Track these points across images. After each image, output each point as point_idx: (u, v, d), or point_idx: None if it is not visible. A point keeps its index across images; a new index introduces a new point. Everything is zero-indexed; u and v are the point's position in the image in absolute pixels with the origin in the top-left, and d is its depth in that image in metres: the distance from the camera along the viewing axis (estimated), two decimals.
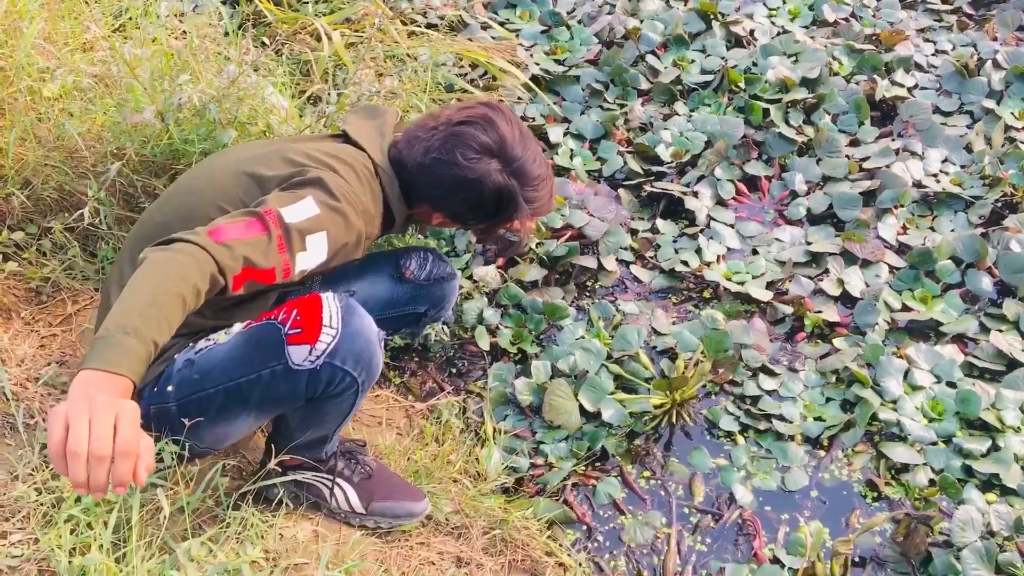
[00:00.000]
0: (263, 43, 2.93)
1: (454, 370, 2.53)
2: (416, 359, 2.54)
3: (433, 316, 2.29)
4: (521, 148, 1.87)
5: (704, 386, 2.43)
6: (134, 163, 2.25)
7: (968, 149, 3.03)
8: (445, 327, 2.56)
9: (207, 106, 2.14)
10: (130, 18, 2.71)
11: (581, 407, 2.35)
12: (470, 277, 2.67)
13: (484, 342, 2.54)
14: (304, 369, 1.62)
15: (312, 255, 1.63)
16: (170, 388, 1.65)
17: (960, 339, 2.54)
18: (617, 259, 2.77)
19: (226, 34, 2.81)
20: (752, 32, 3.48)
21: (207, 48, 2.51)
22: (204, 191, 1.74)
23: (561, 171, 3.00)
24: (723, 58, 3.37)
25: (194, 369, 1.65)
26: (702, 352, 2.46)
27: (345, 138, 1.88)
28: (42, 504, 1.61)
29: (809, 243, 2.79)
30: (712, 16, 3.50)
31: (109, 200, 2.24)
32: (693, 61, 3.37)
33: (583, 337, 2.53)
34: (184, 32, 2.65)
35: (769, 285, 2.67)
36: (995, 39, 3.40)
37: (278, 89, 2.60)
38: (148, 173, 2.28)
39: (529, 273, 2.67)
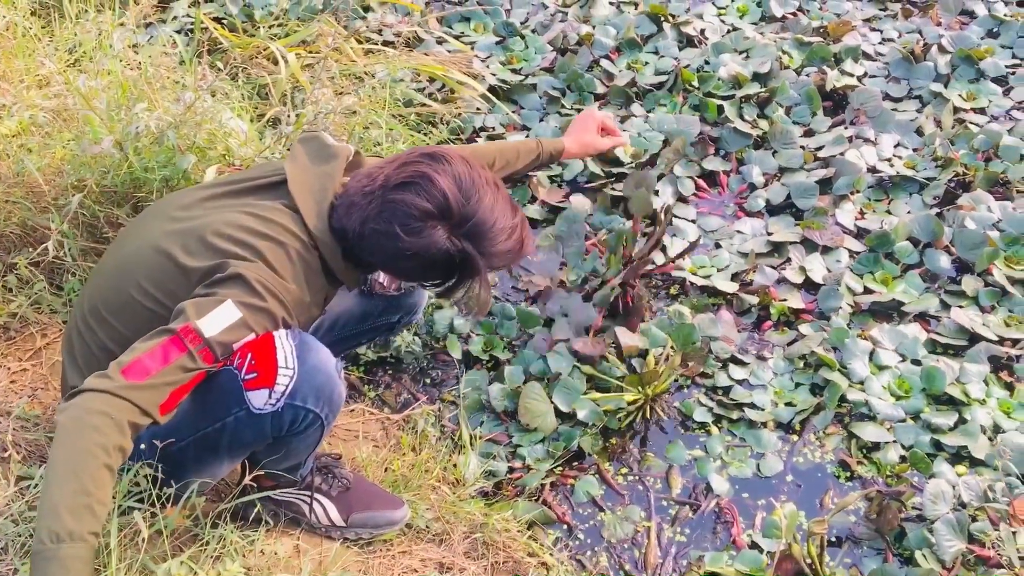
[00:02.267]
0: (219, 69, 2.95)
1: (428, 380, 2.55)
2: (389, 371, 2.56)
3: (405, 322, 2.32)
4: (472, 203, 1.69)
5: (676, 380, 2.47)
6: (95, 194, 2.27)
7: (919, 132, 3.09)
8: (416, 338, 2.58)
9: (165, 133, 2.15)
10: (84, 52, 2.72)
11: (556, 408, 2.38)
12: None
13: (456, 351, 2.57)
14: (266, 412, 1.63)
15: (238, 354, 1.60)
16: (143, 447, 1.64)
17: (922, 317, 2.59)
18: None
19: (181, 62, 2.83)
20: (703, 31, 3.54)
21: (163, 77, 2.53)
22: (131, 270, 1.69)
23: (523, 178, 3.04)
24: (676, 58, 3.42)
25: (161, 427, 1.62)
26: (671, 347, 2.49)
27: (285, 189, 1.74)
28: (20, 535, 1.61)
29: (770, 233, 2.83)
30: (663, 18, 3.55)
31: (73, 232, 2.25)
32: (647, 63, 3.42)
33: (555, 341, 2.56)
34: (140, 64, 2.67)
35: (734, 277, 2.71)
36: (939, 24, 3.48)
37: (236, 113, 2.62)
38: (110, 203, 2.29)
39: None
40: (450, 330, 2.61)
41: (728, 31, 3.54)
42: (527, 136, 3.17)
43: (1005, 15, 3.44)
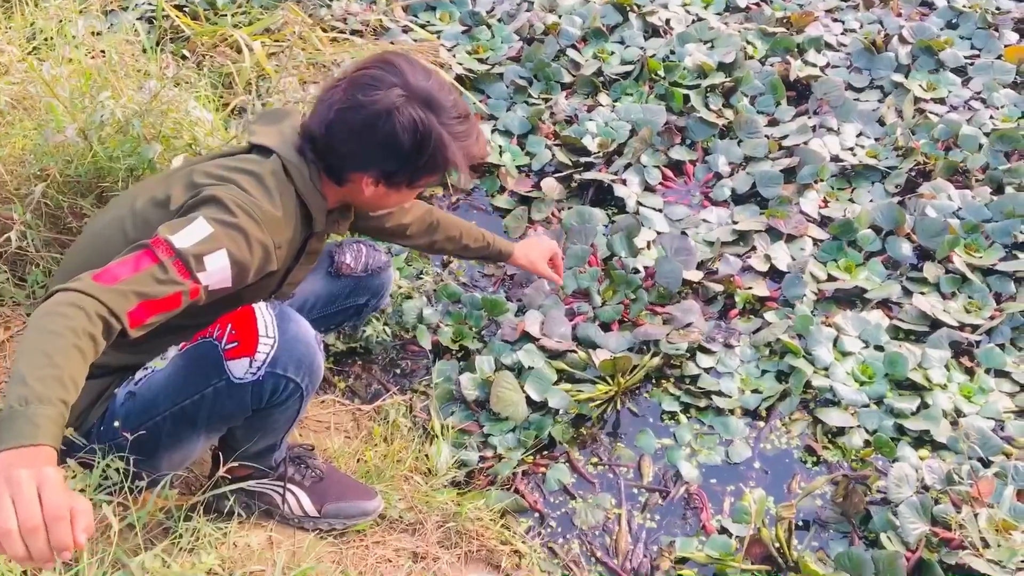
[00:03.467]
0: (183, 57, 2.91)
1: (398, 370, 2.54)
2: (359, 362, 2.55)
3: (373, 305, 2.32)
4: (424, 78, 1.74)
5: (647, 375, 2.48)
6: (59, 184, 2.23)
7: (881, 122, 3.14)
8: (386, 328, 2.58)
9: (130, 121, 2.12)
10: (45, 39, 2.67)
11: (528, 398, 2.39)
12: (407, 276, 2.69)
13: (426, 341, 2.56)
14: (247, 382, 1.62)
15: (214, 275, 1.58)
16: (117, 423, 1.63)
17: (885, 304, 2.63)
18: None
19: (144, 50, 2.79)
20: (668, 21, 3.56)
21: (126, 64, 2.49)
22: (114, 230, 1.70)
23: (491, 168, 3.04)
24: (642, 48, 3.44)
25: (137, 400, 1.64)
26: (646, 345, 2.51)
27: (254, 149, 1.79)
28: None
29: (735, 222, 2.86)
30: (628, 8, 3.57)
31: (36, 223, 2.21)
32: (613, 53, 3.43)
33: (523, 333, 2.56)
34: (102, 51, 2.62)
35: (700, 265, 2.74)
36: (899, 15, 3.53)
37: (201, 102, 2.59)
38: (74, 193, 2.25)
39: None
40: (419, 320, 2.61)
41: (693, 21, 3.57)
42: (493, 127, 3.17)
43: (964, 6, 3.50)
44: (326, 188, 1.80)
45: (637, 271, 2.70)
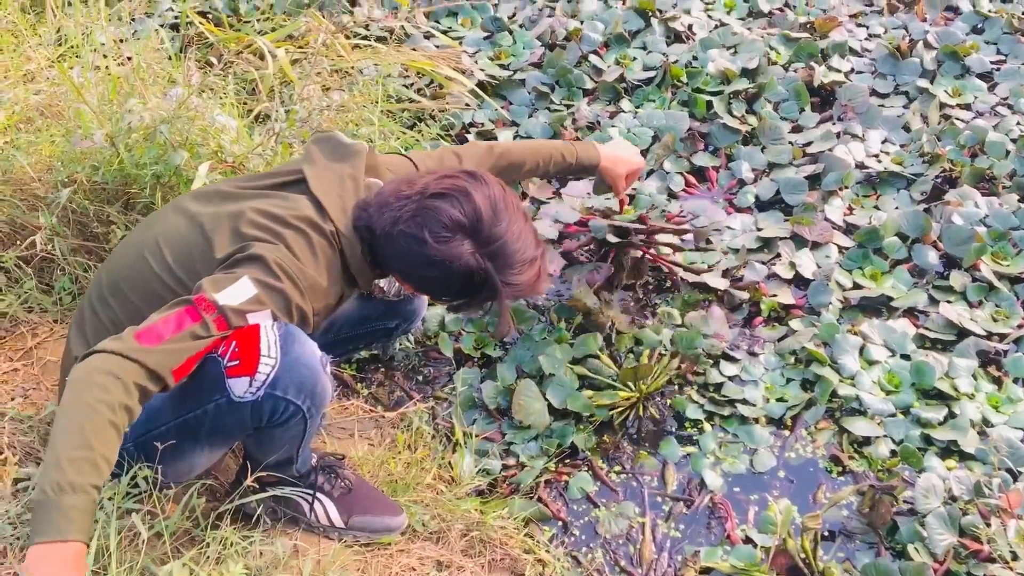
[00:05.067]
0: (208, 64, 2.93)
1: (420, 378, 2.54)
2: (382, 369, 2.55)
3: (404, 329, 2.31)
4: (502, 225, 1.71)
5: (669, 380, 2.47)
6: (85, 190, 2.24)
7: (906, 128, 3.11)
8: (410, 336, 2.58)
9: (158, 128, 2.13)
10: (71, 46, 2.69)
11: (549, 405, 2.38)
12: None
13: (448, 348, 2.56)
14: (246, 401, 1.63)
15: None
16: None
17: (911, 312, 2.61)
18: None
19: (169, 57, 2.80)
20: (690, 27, 3.55)
21: (153, 71, 2.50)
22: (156, 249, 1.72)
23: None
24: (664, 54, 3.43)
25: (143, 410, 1.65)
26: (664, 347, 2.50)
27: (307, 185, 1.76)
28: (18, 538, 1.60)
29: (760, 229, 2.85)
30: (651, 13, 3.56)
31: (62, 229, 2.22)
32: (635, 59, 3.42)
33: (545, 339, 2.56)
34: (128, 58, 2.64)
35: (725, 273, 2.73)
36: (924, 20, 3.51)
37: (225, 110, 2.60)
38: (100, 200, 2.27)
39: None
40: (441, 328, 2.61)
41: (715, 27, 3.55)
42: (515, 134, 3.17)
43: (989, 11, 3.47)
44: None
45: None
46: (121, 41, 2.88)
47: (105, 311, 1.74)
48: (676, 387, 2.48)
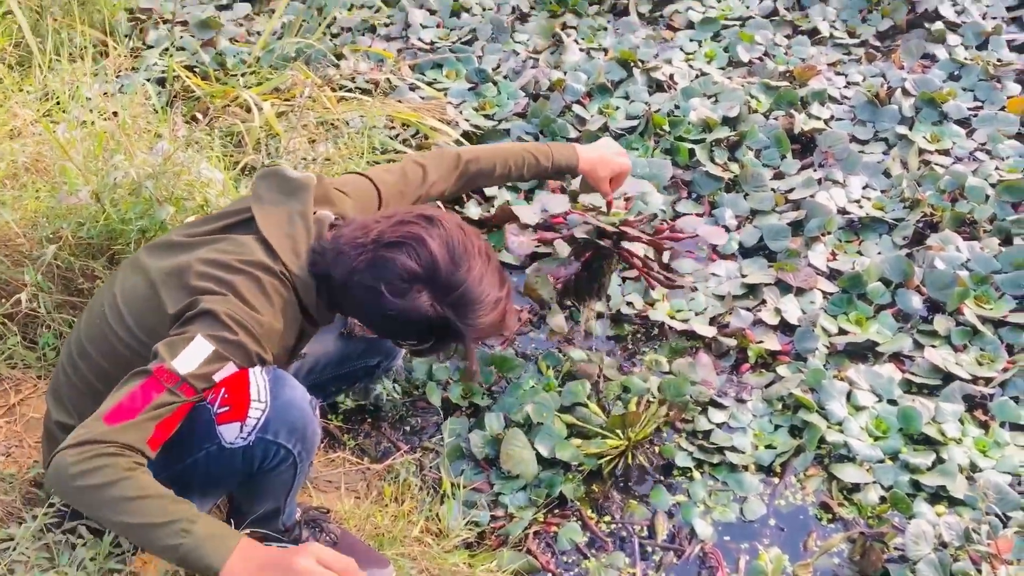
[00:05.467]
0: (194, 118, 2.95)
1: (408, 428, 2.53)
2: (369, 420, 2.54)
3: (385, 367, 2.31)
4: (461, 271, 1.67)
5: (657, 428, 2.46)
6: (71, 246, 2.24)
7: (887, 174, 3.15)
8: (396, 385, 2.57)
9: (143, 184, 2.14)
10: (56, 102, 2.70)
11: (538, 455, 2.37)
12: None
13: (435, 398, 2.55)
14: (237, 447, 1.62)
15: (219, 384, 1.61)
16: None
17: (896, 357, 2.62)
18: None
19: (156, 111, 2.82)
20: (672, 76, 3.60)
21: (138, 126, 2.52)
22: (115, 309, 1.71)
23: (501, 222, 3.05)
24: (646, 103, 3.47)
25: None
26: (652, 395, 2.50)
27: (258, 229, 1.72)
28: None
29: (744, 275, 2.86)
30: (632, 64, 3.61)
31: (47, 285, 2.21)
32: (618, 108, 3.46)
33: (533, 387, 2.55)
34: (115, 113, 2.65)
35: (712, 320, 2.73)
36: (902, 68, 3.57)
37: (212, 163, 2.62)
38: (86, 255, 2.27)
39: None
40: (429, 377, 2.60)
41: (696, 76, 3.60)
42: None
43: (965, 58, 3.53)
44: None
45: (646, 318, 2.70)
46: (107, 96, 2.90)
47: (76, 373, 1.73)
48: (665, 435, 2.47)
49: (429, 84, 3.58)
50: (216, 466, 1.64)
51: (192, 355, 1.54)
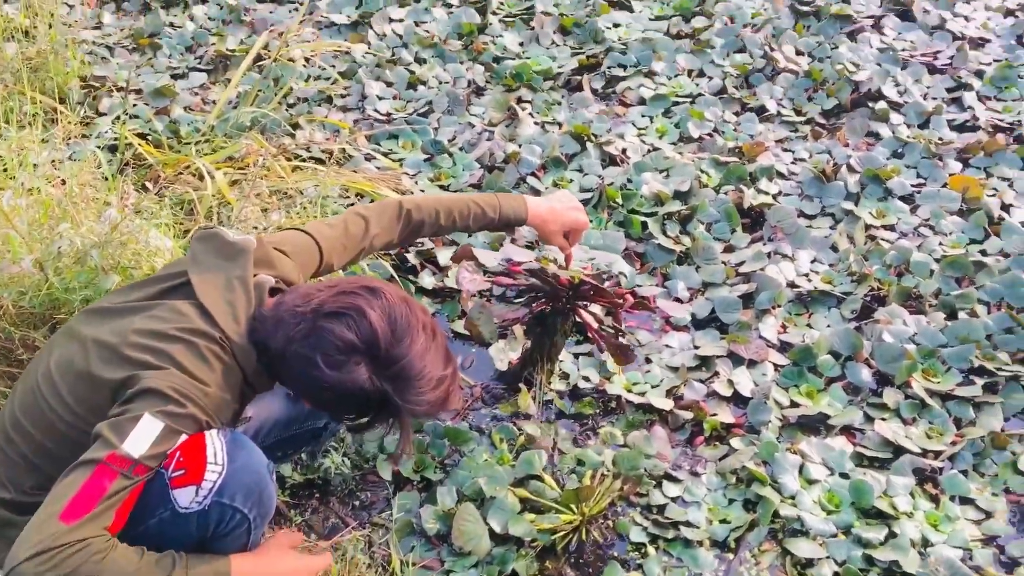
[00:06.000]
0: (144, 186, 2.91)
1: (357, 503, 2.47)
2: (317, 494, 2.47)
3: (333, 429, 2.26)
4: (402, 346, 1.63)
5: (612, 502, 2.43)
6: (11, 315, 2.18)
7: (834, 248, 3.21)
8: (346, 459, 2.51)
9: (88, 253, 2.10)
10: (4, 169, 2.66)
11: (491, 530, 2.32)
12: None
13: (386, 471, 2.50)
14: (192, 511, 1.58)
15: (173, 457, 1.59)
16: None
17: (848, 430, 2.64)
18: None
19: (106, 179, 2.79)
20: (624, 151, 3.65)
21: (87, 195, 2.48)
22: (50, 382, 1.66)
23: (453, 292, 3.04)
24: (600, 176, 3.52)
25: None
26: (607, 468, 2.48)
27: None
28: None
29: (697, 347, 2.88)
30: (586, 137, 3.66)
31: None
32: (572, 180, 3.50)
33: (487, 460, 2.52)
34: (63, 181, 2.62)
35: (667, 392, 2.73)
36: (847, 145, 3.66)
37: (161, 231, 2.58)
38: (27, 325, 2.21)
39: None
40: (380, 450, 2.55)
41: (648, 151, 3.66)
42: (455, 253, 3.18)
43: (908, 136, 3.64)
44: None
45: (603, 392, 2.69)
46: (56, 164, 2.86)
47: (11, 448, 1.67)
48: (619, 509, 2.44)
49: (385, 155, 3.60)
50: (169, 532, 1.58)
51: (142, 435, 1.50)
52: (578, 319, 2.53)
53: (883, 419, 2.63)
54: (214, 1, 4.58)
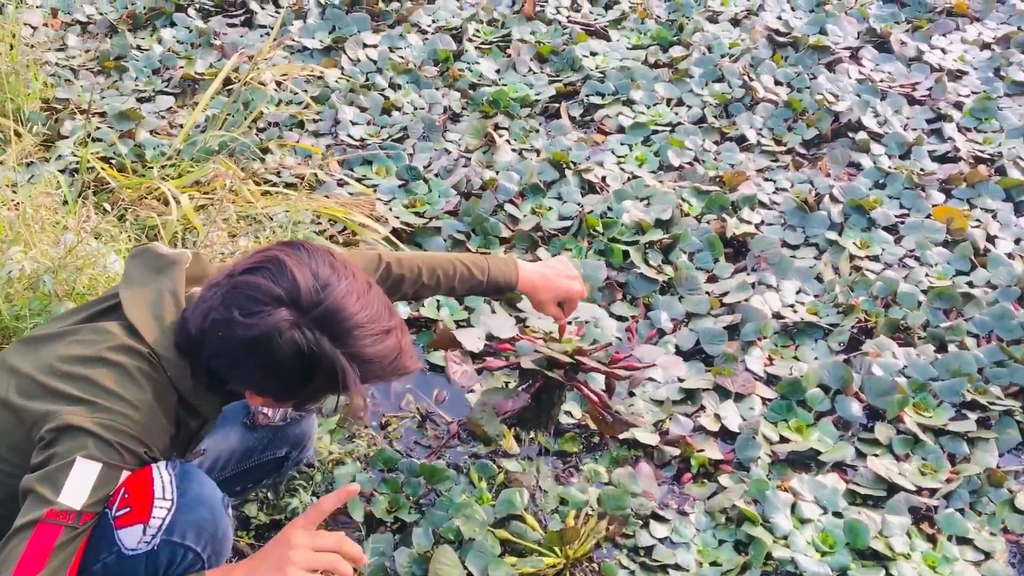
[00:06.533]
0: (105, 210, 2.78)
1: None
2: None
3: (295, 458, 2.13)
4: (326, 289, 1.46)
5: (597, 543, 2.31)
6: None
7: (819, 279, 3.14)
8: (314, 498, 2.37)
9: (41, 277, 1.96)
10: None
11: (469, 575, 2.19)
12: (339, 440, 2.51)
13: (358, 512, 2.36)
14: (140, 552, 1.44)
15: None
16: None
17: (839, 467, 2.54)
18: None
19: (65, 202, 2.65)
20: (604, 178, 3.57)
21: (43, 218, 2.35)
22: None
23: (428, 322, 2.92)
24: (579, 204, 3.43)
25: None
26: (591, 508, 2.36)
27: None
28: None
29: (682, 380, 2.78)
30: (565, 165, 3.58)
31: None
32: (551, 208, 3.41)
33: (465, 500, 2.39)
34: (17, 204, 2.48)
35: (654, 426, 2.63)
36: (828, 175, 3.61)
37: (122, 256, 2.45)
38: None
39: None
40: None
41: (628, 179, 3.58)
42: None
43: (890, 167, 3.60)
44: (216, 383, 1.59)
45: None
46: (12, 187, 2.72)
47: None
48: (605, 551, 2.32)
49: (358, 180, 3.49)
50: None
51: (79, 482, 1.37)
52: (578, 391, 2.42)
53: (875, 455, 2.54)
54: (183, 25, 4.47)
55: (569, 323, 2.36)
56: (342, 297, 1.48)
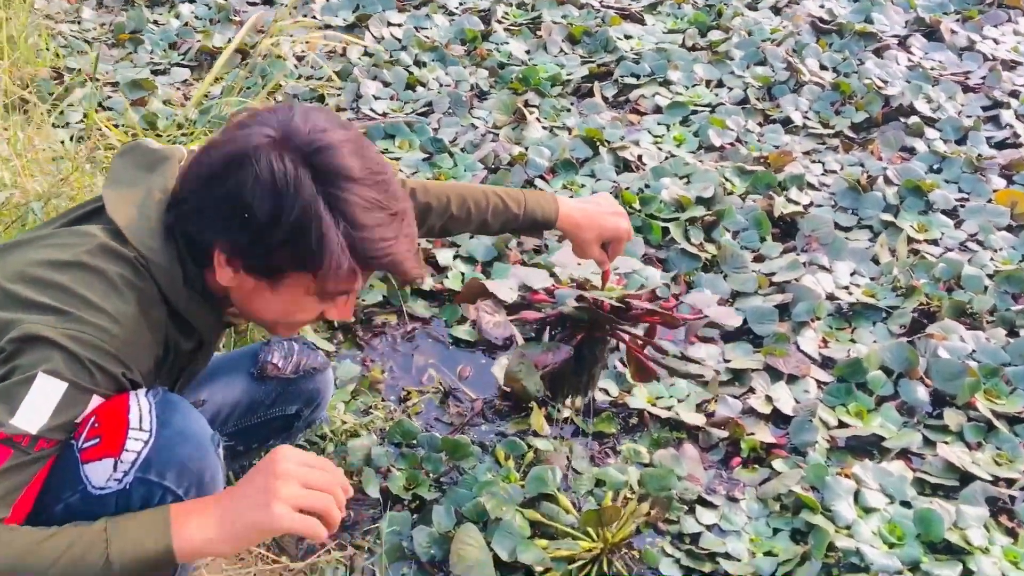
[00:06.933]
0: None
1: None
2: None
3: (307, 418, 1.90)
4: (323, 133, 1.28)
5: (637, 529, 2.08)
6: None
7: (875, 261, 2.91)
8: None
9: (30, 205, 1.76)
10: None
11: (495, 557, 1.96)
12: (354, 411, 2.29)
13: (373, 488, 2.14)
14: (109, 492, 1.21)
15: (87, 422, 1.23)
16: None
17: (905, 454, 2.30)
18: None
19: (62, 143, 2.46)
20: (640, 157, 3.36)
21: (39, 153, 2.15)
22: None
23: (451, 295, 2.71)
24: (614, 181, 3.22)
25: None
26: (631, 489, 2.13)
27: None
28: None
29: (728, 360, 2.54)
30: (599, 142, 3.38)
31: None
32: (583, 185, 3.20)
33: (490, 479, 2.16)
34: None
35: (697, 407, 2.39)
36: (880, 158, 3.39)
37: None
38: None
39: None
40: (366, 463, 2.20)
41: (666, 158, 3.37)
42: (455, 254, 2.86)
43: (946, 152, 3.37)
44: (211, 278, 1.36)
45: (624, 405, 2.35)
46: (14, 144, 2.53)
47: None
48: (646, 537, 2.08)
49: (382, 152, 3.29)
50: (81, 520, 1.20)
51: (39, 401, 1.15)
52: (626, 346, 2.18)
53: (945, 442, 2.30)
54: (202, 1, 4.31)
55: (613, 270, 2.11)
56: (339, 142, 1.29)
